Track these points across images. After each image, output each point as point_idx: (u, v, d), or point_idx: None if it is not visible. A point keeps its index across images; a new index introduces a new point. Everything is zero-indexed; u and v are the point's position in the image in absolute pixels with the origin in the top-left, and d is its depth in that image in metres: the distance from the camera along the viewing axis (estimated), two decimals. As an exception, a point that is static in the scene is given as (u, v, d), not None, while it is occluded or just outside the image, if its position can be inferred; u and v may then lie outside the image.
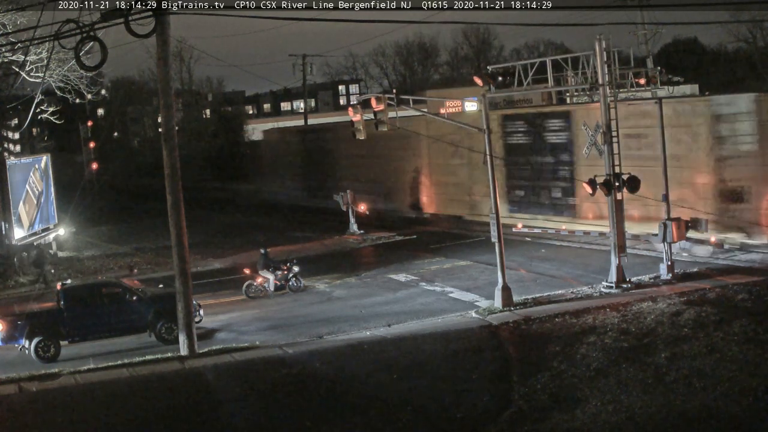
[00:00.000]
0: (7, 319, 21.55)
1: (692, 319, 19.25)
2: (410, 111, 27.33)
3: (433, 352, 19.15)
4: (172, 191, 20.35)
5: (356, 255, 33.94)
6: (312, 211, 47.58)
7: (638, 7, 44.11)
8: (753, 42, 72.07)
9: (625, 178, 23.39)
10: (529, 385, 16.41)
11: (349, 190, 38.06)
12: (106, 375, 19.30)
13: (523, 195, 36.03)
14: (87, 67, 23.43)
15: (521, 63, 29.80)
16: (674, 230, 23.75)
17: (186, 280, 20.57)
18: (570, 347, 18.28)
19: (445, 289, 25.73)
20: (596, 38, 23.88)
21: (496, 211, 22.74)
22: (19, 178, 33.78)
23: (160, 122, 25.24)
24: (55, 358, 21.09)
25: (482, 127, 23.20)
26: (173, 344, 21.13)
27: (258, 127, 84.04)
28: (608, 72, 24.18)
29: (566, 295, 23.42)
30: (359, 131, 28.03)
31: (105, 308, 22.05)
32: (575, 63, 34.03)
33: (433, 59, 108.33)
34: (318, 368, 18.65)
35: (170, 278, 22.95)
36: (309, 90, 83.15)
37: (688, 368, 16.12)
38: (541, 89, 36.28)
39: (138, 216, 49.89)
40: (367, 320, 22.75)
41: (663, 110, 24.86)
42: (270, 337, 21.78)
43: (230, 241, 38.27)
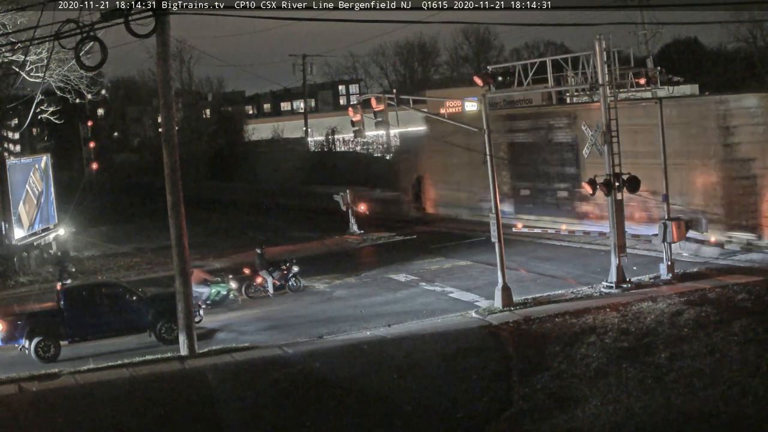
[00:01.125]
0: (7, 319, 21.57)
1: (692, 319, 19.25)
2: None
3: (433, 352, 19.15)
4: (172, 191, 20.36)
5: (356, 255, 33.95)
6: (309, 210, 47.59)
7: (638, 7, 44.09)
8: (753, 42, 72.06)
9: (625, 178, 23.39)
10: (529, 385, 16.41)
11: (349, 190, 38.06)
12: (106, 375, 19.29)
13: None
14: (87, 67, 23.44)
15: (521, 63, 29.88)
16: (674, 230, 23.75)
17: (186, 280, 20.59)
18: (570, 347, 18.28)
19: (445, 289, 25.73)
20: (596, 38, 23.88)
21: (496, 211, 22.74)
22: (19, 178, 33.76)
23: (160, 122, 25.23)
24: (55, 358, 21.09)
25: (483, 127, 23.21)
26: (173, 344, 21.13)
27: (258, 127, 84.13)
28: (608, 72, 24.22)
29: (566, 295, 23.42)
30: (359, 131, 28.09)
31: (105, 308, 22.06)
32: (575, 63, 34.07)
33: (433, 59, 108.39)
34: (318, 368, 18.65)
35: (170, 278, 22.95)
36: (309, 90, 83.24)
37: (688, 368, 16.11)
38: (541, 89, 36.31)
39: (138, 216, 49.90)
40: (367, 320, 22.76)
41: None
42: (270, 337, 21.79)
43: (230, 241, 38.26)
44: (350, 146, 68.13)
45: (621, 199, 23.72)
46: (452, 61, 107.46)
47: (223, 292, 25.58)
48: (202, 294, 25.15)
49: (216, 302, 25.43)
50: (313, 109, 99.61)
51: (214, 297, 25.39)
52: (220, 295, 25.51)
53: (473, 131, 24.22)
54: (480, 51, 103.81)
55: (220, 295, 25.53)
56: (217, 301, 25.46)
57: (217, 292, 25.49)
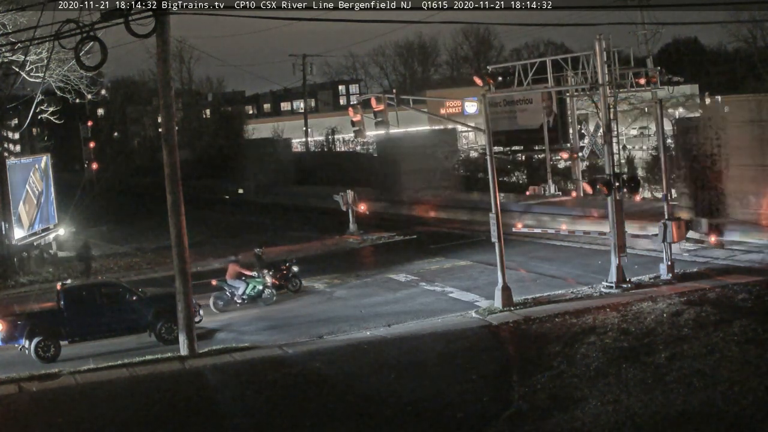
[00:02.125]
0: (7, 319, 21.56)
1: (692, 319, 19.25)
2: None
3: (433, 352, 19.15)
4: (172, 191, 20.36)
5: (356, 255, 33.94)
6: (309, 210, 47.61)
7: (638, 7, 44.17)
8: (753, 42, 72.14)
9: (626, 178, 23.40)
10: (529, 385, 16.41)
11: (349, 190, 38.06)
12: (106, 375, 19.30)
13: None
14: (87, 67, 23.45)
15: (521, 63, 29.91)
16: (674, 230, 23.75)
17: (186, 280, 20.58)
18: (570, 347, 18.28)
19: (445, 289, 25.73)
20: (596, 38, 23.91)
21: (497, 211, 22.74)
22: (19, 178, 33.77)
23: (160, 122, 25.23)
24: (55, 358, 21.09)
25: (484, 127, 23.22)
26: (173, 344, 21.14)
27: (258, 127, 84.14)
28: (608, 72, 24.24)
29: (566, 295, 23.42)
30: (359, 131, 28.11)
31: (105, 308, 22.07)
32: (575, 63, 34.11)
33: (433, 59, 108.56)
34: (318, 368, 18.65)
35: (170, 278, 22.95)
36: (309, 90, 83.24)
37: (688, 368, 16.11)
38: (541, 89, 36.35)
39: (138, 216, 49.89)
40: (367, 320, 22.75)
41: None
42: (270, 337, 21.79)
43: (230, 241, 38.22)
44: (350, 146, 68.20)
45: (621, 199, 23.72)
46: (452, 61, 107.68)
47: (258, 287, 25.57)
48: (238, 289, 25.27)
49: (252, 297, 25.46)
50: (313, 109, 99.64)
51: (250, 292, 25.44)
52: (255, 290, 25.53)
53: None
54: (480, 51, 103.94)
55: (256, 290, 25.54)
56: (252, 296, 25.49)
57: (253, 287, 25.52)
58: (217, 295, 25.39)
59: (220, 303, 25.32)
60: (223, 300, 25.36)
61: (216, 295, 25.37)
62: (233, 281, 25.37)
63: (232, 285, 25.37)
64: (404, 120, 31.22)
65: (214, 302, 25.26)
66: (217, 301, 25.32)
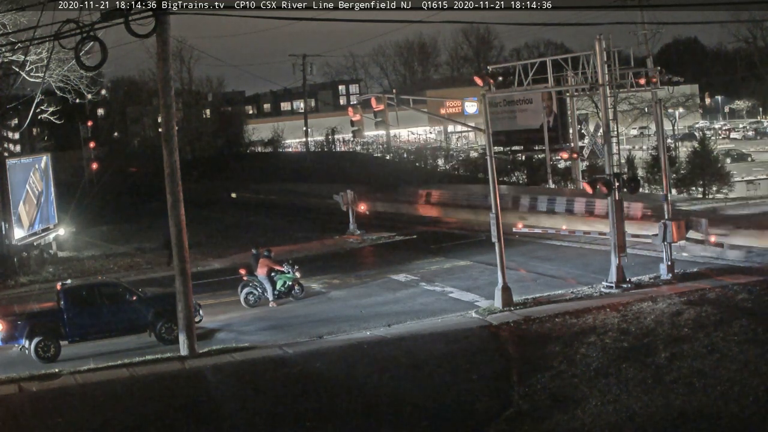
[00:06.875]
0: (7, 319, 21.55)
1: (692, 319, 19.26)
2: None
3: (433, 352, 19.14)
4: (172, 191, 20.35)
5: (356, 255, 33.93)
6: (309, 210, 47.60)
7: (638, 7, 44.15)
8: (753, 42, 72.17)
9: (626, 178, 23.39)
10: (529, 385, 16.41)
11: (349, 190, 38.05)
12: (106, 375, 19.29)
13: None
14: (87, 67, 23.46)
15: (521, 63, 29.92)
16: (674, 230, 23.75)
17: (186, 280, 20.56)
18: (570, 347, 18.29)
19: (445, 289, 25.73)
20: (596, 38, 23.90)
21: (497, 211, 22.74)
22: (19, 178, 33.75)
23: (160, 122, 25.22)
24: (55, 358, 21.07)
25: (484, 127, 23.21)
26: (173, 344, 21.12)
27: (258, 127, 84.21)
28: (608, 72, 24.23)
29: (566, 295, 23.42)
30: (359, 131, 28.09)
31: (105, 308, 22.04)
32: (575, 63, 34.12)
33: (433, 59, 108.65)
34: (318, 368, 18.65)
35: (170, 278, 22.94)
36: (309, 90, 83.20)
37: (688, 368, 16.12)
38: (541, 89, 36.36)
39: (138, 216, 49.85)
40: (367, 320, 22.75)
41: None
42: (270, 337, 21.78)
43: (230, 241, 38.22)
44: (350, 146, 68.22)
45: (620, 198, 23.72)
46: (452, 61, 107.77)
47: (289, 283, 25.60)
48: (273, 285, 25.37)
49: (282, 293, 25.50)
50: (313, 109, 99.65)
51: (281, 287, 25.47)
52: (286, 286, 25.55)
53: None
54: (480, 51, 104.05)
55: (287, 286, 25.56)
56: (283, 292, 25.53)
57: (283, 283, 25.53)
58: (249, 291, 25.46)
59: (252, 299, 25.40)
60: (255, 296, 25.45)
61: (247, 291, 25.45)
62: (263, 278, 25.41)
63: (263, 281, 25.41)
64: (404, 120, 31.13)
65: (245, 298, 25.37)
66: (249, 297, 25.40)
